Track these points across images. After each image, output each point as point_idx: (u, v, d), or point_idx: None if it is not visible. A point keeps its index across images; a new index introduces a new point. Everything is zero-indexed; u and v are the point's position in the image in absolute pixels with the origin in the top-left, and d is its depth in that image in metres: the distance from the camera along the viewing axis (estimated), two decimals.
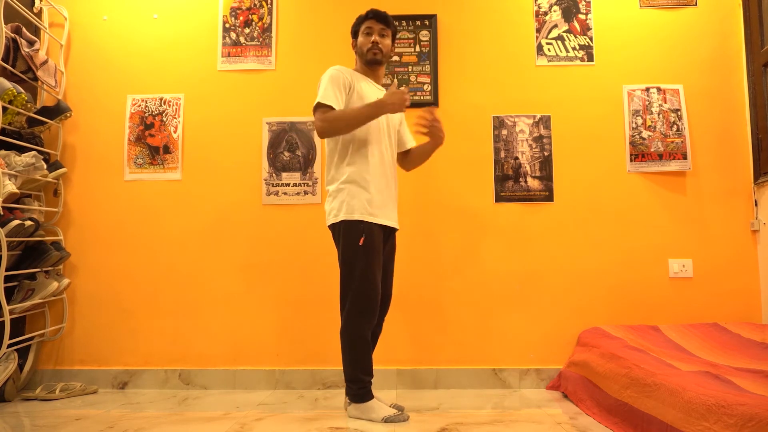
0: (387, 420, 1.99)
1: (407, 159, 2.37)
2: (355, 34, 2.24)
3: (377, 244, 2.07)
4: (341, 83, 2.08)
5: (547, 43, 2.80)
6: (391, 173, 2.19)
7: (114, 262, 2.73)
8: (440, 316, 2.67)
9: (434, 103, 2.76)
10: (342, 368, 2.09)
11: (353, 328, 2.03)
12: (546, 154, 2.74)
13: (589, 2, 2.82)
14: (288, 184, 2.75)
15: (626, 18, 2.81)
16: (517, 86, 2.78)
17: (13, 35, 2.51)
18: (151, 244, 2.74)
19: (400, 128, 2.33)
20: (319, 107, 2.06)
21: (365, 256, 2.03)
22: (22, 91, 2.48)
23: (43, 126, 2.68)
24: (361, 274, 2.02)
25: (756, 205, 2.68)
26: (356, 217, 2.04)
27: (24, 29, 2.60)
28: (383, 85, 2.28)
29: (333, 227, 2.12)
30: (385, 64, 2.27)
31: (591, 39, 2.80)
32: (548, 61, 2.79)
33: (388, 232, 2.17)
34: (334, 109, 2.04)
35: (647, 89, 2.75)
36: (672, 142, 2.72)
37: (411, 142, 2.36)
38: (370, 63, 2.18)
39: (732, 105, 2.75)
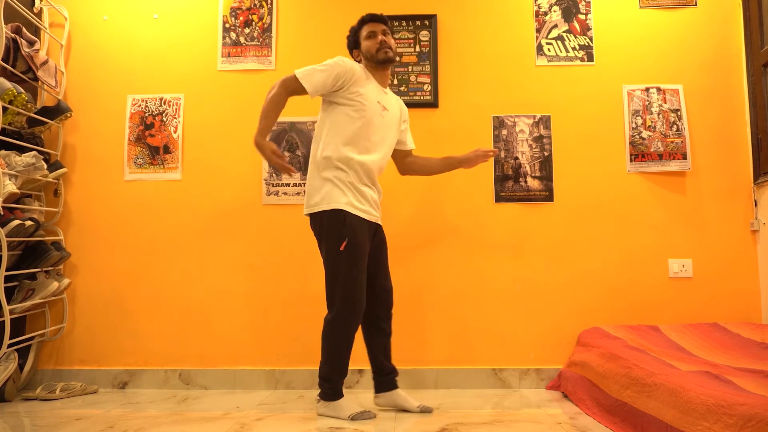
0: (353, 418, 2.02)
1: (407, 163, 2.39)
2: (355, 43, 2.24)
3: (362, 241, 2.06)
4: (335, 75, 2.09)
5: (547, 43, 2.80)
6: (377, 174, 2.20)
7: (114, 262, 2.73)
8: (440, 316, 2.67)
9: (434, 103, 2.76)
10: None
11: (333, 331, 2.06)
12: (546, 154, 2.74)
13: (589, 2, 2.82)
14: (288, 184, 2.75)
15: (626, 18, 2.81)
16: (517, 86, 2.78)
17: (13, 35, 2.51)
18: (151, 244, 2.74)
19: (403, 126, 2.33)
20: (295, 78, 2.07)
21: (349, 258, 2.03)
22: (23, 91, 2.48)
23: (43, 126, 2.68)
24: (345, 276, 2.03)
25: (756, 205, 2.68)
26: (339, 206, 2.03)
27: (24, 29, 2.60)
28: (390, 86, 2.27)
29: (311, 216, 2.12)
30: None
31: (591, 39, 2.80)
32: (548, 61, 2.79)
33: (374, 227, 2.17)
34: (303, 88, 2.06)
35: (647, 89, 2.75)
36: (672, 142, 2.72)
37: (411, 144, 2.37)
38: (383, 62, 2.18)
39: (732, 105, 2.75)
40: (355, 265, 2.04)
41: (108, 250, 2.74)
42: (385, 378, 2.19)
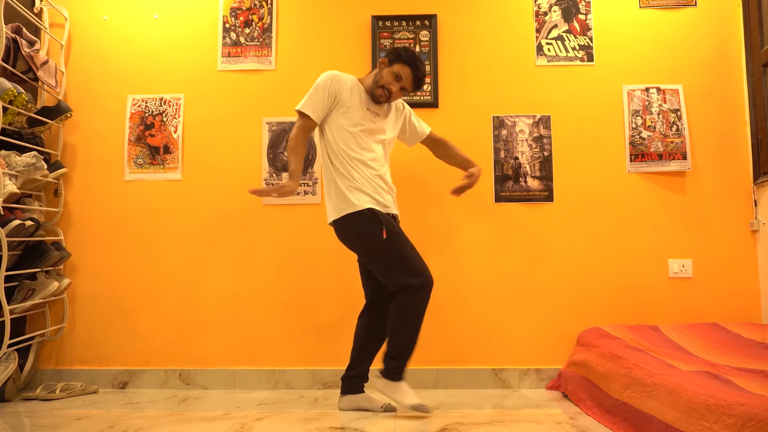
0: (414, 408, 2.02)
1: (433, 149, 2.48)
2: (390, 61, 2.17)
3: (395, 226, 2.10)
4: (327, 92, 2.14)
5: (547, 44, 2.80)
6: (387, 178, 2.22)
7: (114, 262, 2.73)
8: (440, 316, 2.67)
9: (434, 103, 2.76)
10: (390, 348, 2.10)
11: (419, 303, 2.05)
12: (546, 154, 2.74)
13: (589, 2, 2.82)
14: None
15: (626, 18, 2.81)
16: (517, 86, 2.78)
17: (13, 35, 2.51)
18: (151, 244, 2.74)
19: (411, 120, 2.39)
20: (300, 114, 2.16)
21: (394, 240, 2.06)
22: (23, 91, 2.48)
23: (43, 126, 2.68)
24: (402, 254, 2.05)
25: (755, 205, 2.68)
26: (366, 206, 2.07)
27: (24, 29, 2.60)
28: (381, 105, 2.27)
29: (337, 222, 2.13)
30: None
31: (591, 39, 2.80)
32: (548, 61, 2.79)
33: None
34: (309, 117, 2.13)
35: (647, 89, 2.75)
36: (672, 142, 2.72)
37: (427, 128, 2.42)
38: (373, 100, 2.22)
39: (732, 105, 2.75)
40: (403, 242, 2.08)
41: (108, 250, 2.74)
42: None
